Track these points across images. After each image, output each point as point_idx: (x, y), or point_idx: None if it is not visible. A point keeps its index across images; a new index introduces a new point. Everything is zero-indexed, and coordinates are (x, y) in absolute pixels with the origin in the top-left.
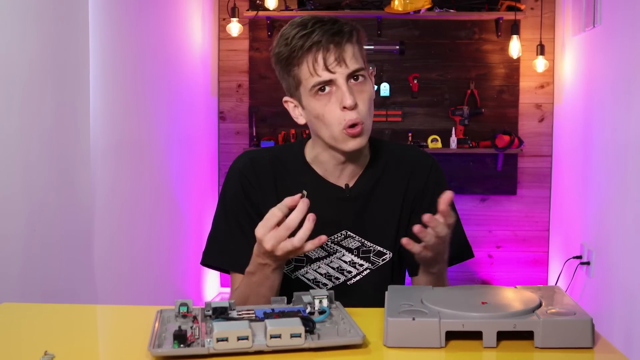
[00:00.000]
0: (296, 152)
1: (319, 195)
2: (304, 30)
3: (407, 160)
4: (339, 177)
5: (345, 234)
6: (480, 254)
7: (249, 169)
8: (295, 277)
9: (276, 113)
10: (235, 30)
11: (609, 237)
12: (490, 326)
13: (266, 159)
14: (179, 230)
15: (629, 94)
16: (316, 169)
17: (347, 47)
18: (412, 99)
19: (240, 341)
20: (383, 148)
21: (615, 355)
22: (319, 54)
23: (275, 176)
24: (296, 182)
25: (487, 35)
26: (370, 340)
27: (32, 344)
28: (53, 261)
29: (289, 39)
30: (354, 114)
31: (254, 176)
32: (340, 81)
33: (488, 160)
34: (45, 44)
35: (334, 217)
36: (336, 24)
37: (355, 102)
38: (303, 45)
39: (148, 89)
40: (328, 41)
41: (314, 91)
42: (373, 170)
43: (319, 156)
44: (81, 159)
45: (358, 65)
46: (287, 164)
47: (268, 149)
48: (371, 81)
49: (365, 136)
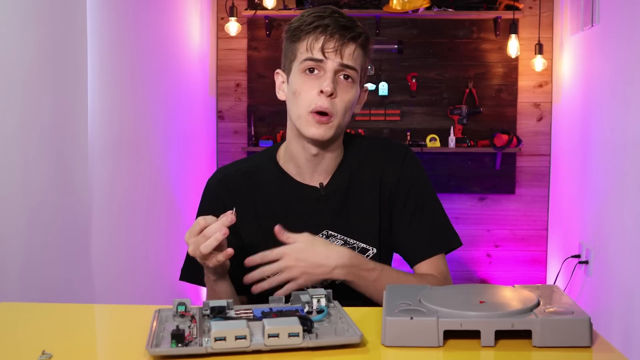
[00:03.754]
0: (268, 159)
1: (294, 198)
2: (322, 13)
3: (381, 153)
4: (312, 175)
5: (327, 234)
6: (478, 253)
7: (221, 187)
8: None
9: (274, 112)
10: (234, 29)
11: (607, 236)
12: (488, 325)
13: (238, 174)
14: (177, 229)
15: (627, 93)
16: (289, 171)
17: (350, 44)
18: (411, 98)
19: (238, 340)
20: (358, 143)
21: (613, 354)
22: (322, 36)
23: (250, 188)
24: (272, 190)
25: (485, 34)
26: (368, 340)
27: (30, 343)
28: (51, 260)
29: (304, 15)
30: (327, 102)
31: (227, 194)
32: (328, 67)
33: (486, 160)
34: (43, 44)
35: (312, 218)
36: (351, 21)
37: (332, 92)
38: (311, 23)
39: (146, 88)
40: (335, 29)
41: (303, 66)
42: (347, 167)
43: (291, 149)
44: (79, 158)
45: (352, 64)
46: (259, 173)
47: (241, 162)
48: (358, 90)
49: (330, 131)
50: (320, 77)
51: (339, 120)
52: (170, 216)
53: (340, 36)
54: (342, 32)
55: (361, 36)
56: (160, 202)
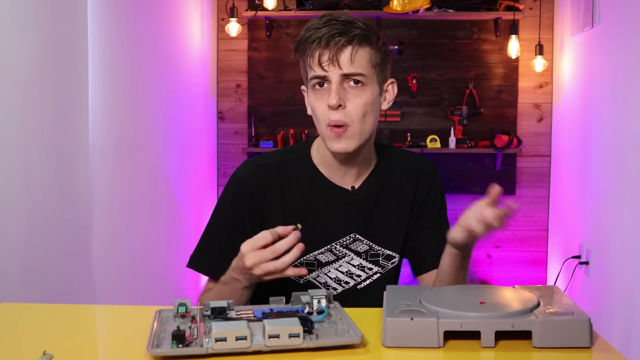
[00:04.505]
0: (303, 155)
1: (326, 198)
2: (318, 24)
3: (414, 166)
4: (344, 177)
5: (354, 237)
6: (479, 253)
7: (252, 179)
8: (305, 281)
9: (275, 113)
10: (234, 30)
11: (607, 236)
12: (488, 326)
13: (271, 167)
14: (178, 230)
15: (627, 94)
16: (323, 170)
17: (345, 48)
18: (411, 99)
19: (239, 341)
20: (390, 153)
21: (613, 355)
22: (317, 49)
23: (282, 183)
24: (303, 187)
25: (485, 35)
26: (369, 340)
27: (31, 344)
28: (52, 261)
29: (305, 29)
30: (338, 114)
31: (258, 187)
32: (332, 79)
33: (487, 160)
34: (44, 45)
35: (341, 220)
36: (346, 25)
37: (339, 104)
38: (308, 39)
39: (147, 89)
40: (328, 39)
41: (311, 84)
42: (379, 174)
43: (323, 153)
44: (80, 160)
45: (353, 70)
46: (292, 168)
47: (272, 154)
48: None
49: (353, 141)
50: (329, 89)
51: (357, 127)
52: (170, 217)
53: (334, 44)
54: (336, 40)
55: (356, 37)
56: (160, 203)
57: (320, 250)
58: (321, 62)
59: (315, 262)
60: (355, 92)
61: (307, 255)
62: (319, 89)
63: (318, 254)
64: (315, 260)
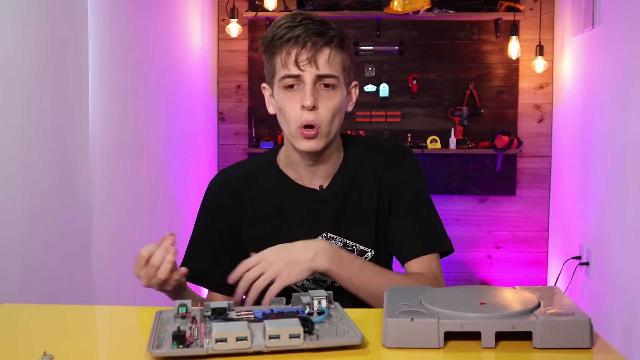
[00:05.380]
0: (269, 162)
1: (294, 200)
2: (291, 22)
3: (380, 154)
4: (312, 179)
5: (326, 236)
6: (479, 254)
7: (222, 189)
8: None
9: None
10: (235, 31)
11: (608, 237)
12: (488, 327)
13: (238, 176)
14: (178, 230)
15: (628, 95)
16: (289, 174)
17: (323, 50)
18: (412, 99)
19: (239, 342)
20: (357, 144)
21: (613, 356)
22: (294, 48)
23: (250, 191)
24: (271, 193)
25: (486, 35)
26: (369, 341)
27: (32, 344)
28: (52, 261)
29: (275, 26)
30: (311, 115)
31: (227, 197)
32: (307, 80)
33: (487, 161)
34: (45, 45)
35: (312, 221)
36: (322, 26)
37: (313, 105)
38: (283, 36)
39: (147, 90)
40: (306, 39)
41: (282, 84)
42: (347, 169)
43: (290, 157)
44: (80, 160)
45: (329, 72)
46: (260, 175)
47: (241, 164)
48: (343, 92)
49: (322, 141)
50: (301, 90)
51: (326, 129)
52: (171, 217)
53: (313, 44)
54: (314, 40)
55: (334, 39)
56: (161, 204)
57: None
58: (298, 61)
59: None
60: (326, 94)
61: None
62: (289, 89)
63: None
64: None
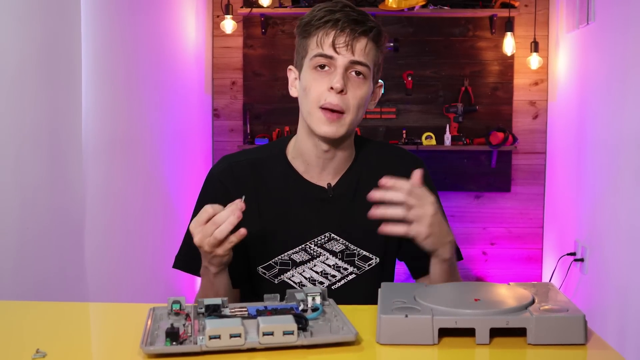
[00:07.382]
0: (277, 152)
1: (301, 196)
2: (332, 7)
3: (394, 160)
4: (321, 174)
5: (329, 236)
6: (474, 251)
7: (227, 175)
8: (280, 281)
9: (270, 110)
10: (229, 27)
11: (602, 233)
12: (483, 323)
13: (245, 164)
14: (172, 227)
15: (622, 91)
16: (298, 167)
17: (361, 38)
18: (406, 96)
19: (233, 339)
20: (370, 147)
21: (608, 352)
22: (333, 31)
23: (256, 180)
24: (277, 185)
25: (481, 32)
26: (363, 338)
27: (24, 341)
28: (45, 258)
29: (315, 10)
30: (337, 98)
31: (232, 183)
32: (339, 63)
33: (482, 158)
34: (37, 41)
35: (316, 219)
36: (362, 15)
37: (343, 89)
38: (322, 17)
39: (141, 86)
40: (346, 24)
41: (313, 62)
42: (357, 169)
43: (301, 146)
44: (73, 156)
45: (363, 60)
46: (267, 166)
47: (248, 152)
48: (370, 86)
49: (342, 128)
50: (331, 73)
51: (351, 117)
52: (165, 214)
53: (351, 30)
54: (353, 27)
55: (373, 30)
56: (155, 200)
57: (294, 250)
58: (335, 43)
59: (289, 261)
60: (356, 82)
61: (281, 255)
62: (319, 70)
63: (292, 253)
64: (289, 259)
